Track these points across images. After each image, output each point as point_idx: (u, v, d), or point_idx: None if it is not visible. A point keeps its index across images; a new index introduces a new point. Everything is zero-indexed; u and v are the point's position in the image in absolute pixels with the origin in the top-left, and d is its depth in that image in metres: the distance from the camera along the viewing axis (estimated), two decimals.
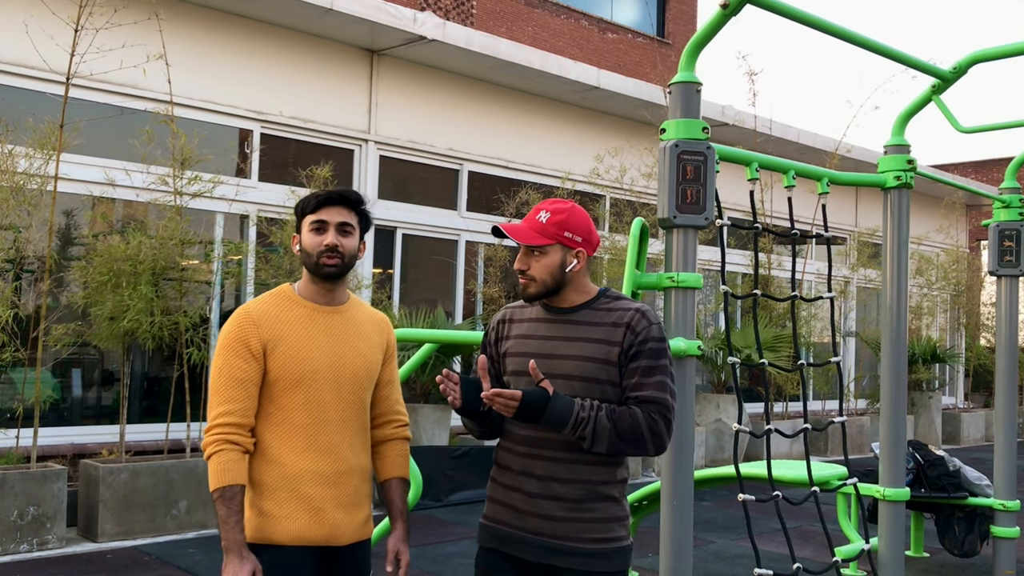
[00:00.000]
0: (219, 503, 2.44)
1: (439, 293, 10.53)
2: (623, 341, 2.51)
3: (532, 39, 15.33)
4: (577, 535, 2.50)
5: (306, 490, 2.54)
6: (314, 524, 2.54)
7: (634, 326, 2.52)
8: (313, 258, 2.60)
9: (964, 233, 18.31)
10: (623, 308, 2.57)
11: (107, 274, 6.65)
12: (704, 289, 12.31)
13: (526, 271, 2.57)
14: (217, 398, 2.53)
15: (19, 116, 6.88)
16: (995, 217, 5.58)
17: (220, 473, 2.45)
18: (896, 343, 4.13)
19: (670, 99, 3.22)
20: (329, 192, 2.64)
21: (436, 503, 7.99)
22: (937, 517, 6.15)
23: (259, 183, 8.76)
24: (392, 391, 2.81)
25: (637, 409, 2.46)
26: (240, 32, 8.70)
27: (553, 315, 2.62)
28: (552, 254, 2.56)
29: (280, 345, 2.56)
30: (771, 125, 12.70)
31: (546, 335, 2.59)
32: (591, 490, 2.51)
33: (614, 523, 2.54)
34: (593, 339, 2.53)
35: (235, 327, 2.57)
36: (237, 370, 2.53)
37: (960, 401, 17.49)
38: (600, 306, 2.59)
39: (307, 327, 2.61)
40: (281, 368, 2.55)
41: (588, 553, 2.50)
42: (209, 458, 2.48)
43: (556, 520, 2.50)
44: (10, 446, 6.62)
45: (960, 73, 4.18)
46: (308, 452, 2.55)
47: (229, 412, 2.50)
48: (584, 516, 2.50)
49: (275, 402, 2.57)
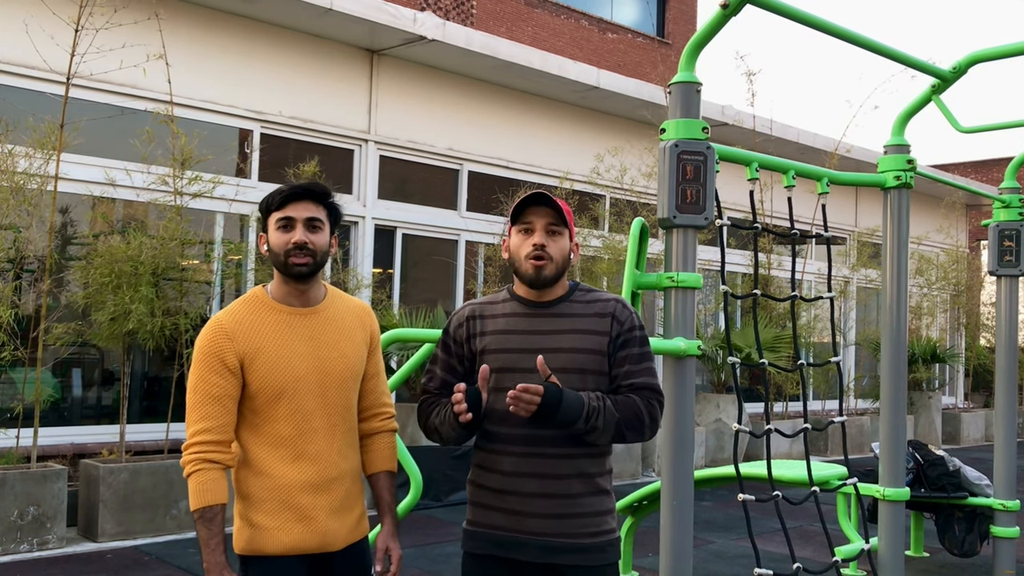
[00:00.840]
0: (199, 524, 2.40)
1: (439, 293, 10.53)
2: (611, 330, 2.54)
3: (532, 39, 15.33)
4: (576, 531, 2.50)
5: (297, 500, 2.48)
6: (307, 533, 2.49)
7: (618, 316, 2.56)
8: (281, 258, 2.48)
9: (964, 233, 18.31)
10: (603, 299, 2.60)
11: (108, 275, 6.65)
12: (704, 289, 12.30)
13: (546, 248, 2.53)
14: (194, 415, 2.44)
15: (19, 116, 6.88)
16: (995, 217, 5.58)
17: (200, 493, 2.40)
18: (896, 343, 4.13)
19: (670, 99, 3.22)
20: (293, 186, 2.51)
21: (436, 503, 7.99)
22: (937, 517, 6.15)
23: (259, 183, 8.76)
24: (378, 383, 2.73)
25: (635, 396, 2.50)
26: (240, 32, 8.70)
27: (532, 308, 2.59)
28: (565, 239, 2.59)
29: (258, 358, 2.46)
30: (771, 125, 12.70)
31: (529, 329, 2.57)
32: (588, 483, 2.52)
33: (607, 516, 2.57)
34: (581, 330, 2.54)
35: (208, 341, 2.46)
36: (213, 386, 2.43)
37: (960, 401, 17.49)
38: (578, 298, 2.61)
39: (284, 335, 2.50)
40: (261, 381, 2.46)
41: (587, 548, 2.51)
42: (188, 476, 2.43)
43: (555, 518, 2.50)
44: (10, 446, 6.62)
45: (960, 73, 4.18)
46: (296, 462, 2.48)
47: (207, 429, 2.42)
48: (581, 511, 2.51)
49: (259, 413, 2.49)
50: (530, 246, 2.54)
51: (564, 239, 2.58)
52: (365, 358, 2.66)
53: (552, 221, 2.55)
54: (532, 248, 2.53)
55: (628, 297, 3.23)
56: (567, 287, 2.64)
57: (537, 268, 2.53)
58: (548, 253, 2.52)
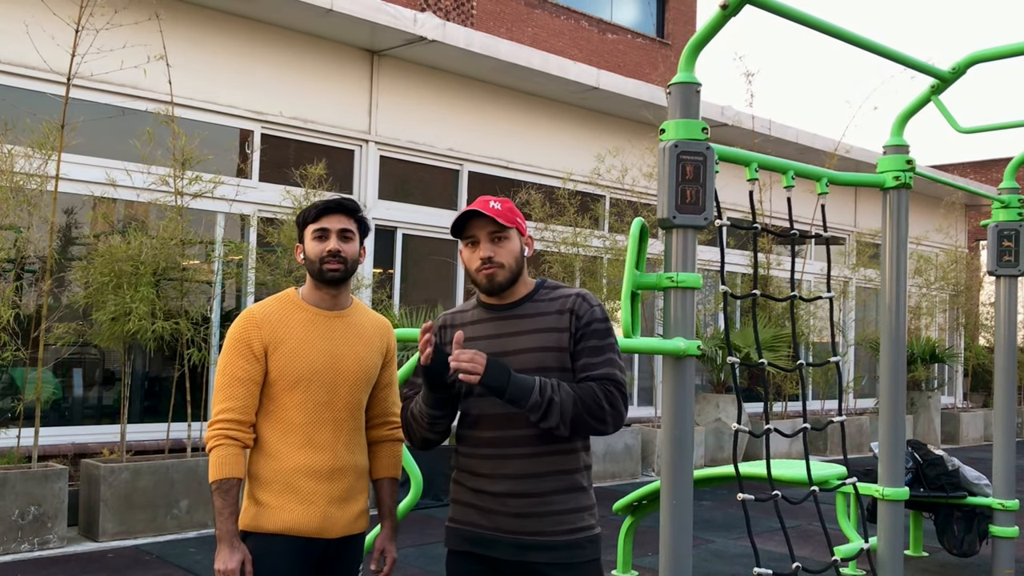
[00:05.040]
0: (216, 494, 2.59)
1: (439, 293, 10.54)
2: (570, 326, 2.56)
3: (532, 40, 15.34)
4: (548, 528, 2.53)
5: (300, 484, 2.65)
6: (306, 515, 2.64)
7: (577, 310, 2.57)
8: (317, 264, 2.71)
9: (963, 233, 18.32)
10: (564, 295, 2.62)
11: (109, 274, 6.66)
12: (704, 289, 12.32)
13: (493, 258, 2.57)
14: (220, 395, 2.66)
15: (19, 116, 6.89)
16: (994, 217, 5.59)
17: (218, 466, 2.60)
18: (895, 343, 4.14)
19: (669, 100, 3.23)
20: (327, 202, 2.75)
21: (436, 503, 8.00)
22: (936, 516, 6.16)
23: (259, 183, 8.77)
24: (389, 394, 2.92)
25: (592, 384, 2.50)
26: (240, 32, 8.71)
27: (496, 313, 2.64)
28: (513, 239, 2.61)
29: (281, 347, 2.67)
30: (770, 125, 12.71)
31: (493, 333, 2.62)
32: (562, 480, 2.54)
33: (583, 512, 2.57)
34: (542, 329, 2.57)
35: (239, 328, 2.70)
36: (239, 369, 2.65)
37: (959, 401, 17.50)
38: (541, 297, 2.64)
39: (307, 330, 2.71)
40: (281, 369, 2.67)
41: (560, 546, 2.53)
42: (209, 451, 2.63)
43: (527, 517, 2.53)
44: (11, 446, 6.62)
45: (959, 73, 4.18)
46: (304, 448, 2.66)
47: (230, 409, 2.64)
48: (554, 509, 2.53)
49: (275, 400, 2.68)
50: (478, 260, 2.59)
51: (512, 240, 2.59)
52: (379, 366, 2.84)
53: (494, 229, 2.58)
54: (480, 262, 2.58)
55: (628, 297, 3.23)
56: (532, 285, 2.66)
57: (489, 276, 2.58)
58: (497, 261, 2.57)
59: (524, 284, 2.66)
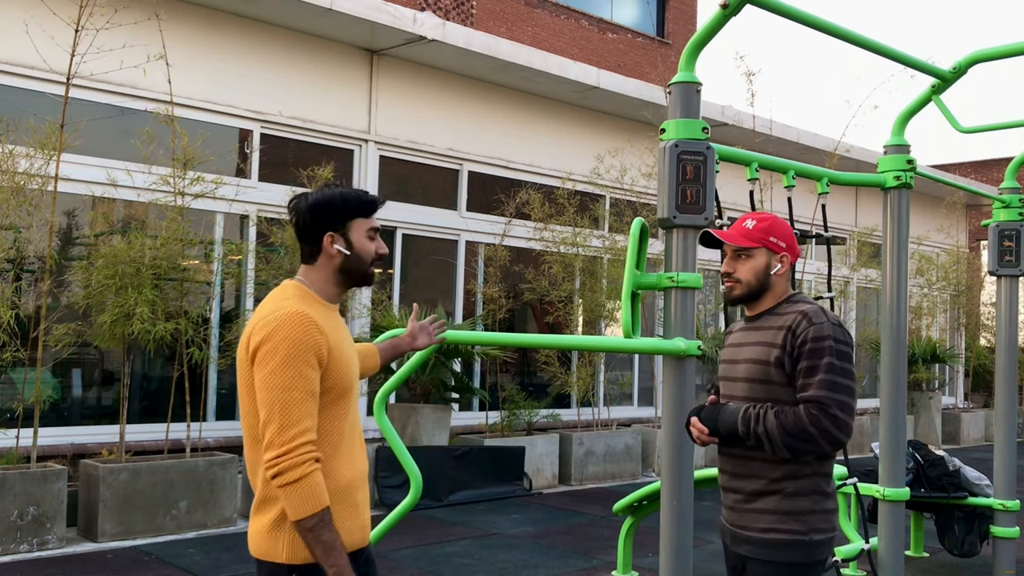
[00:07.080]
0: (321, 528, 2.25)
1: (439, 293, 10.53)
2: (784, 344, 2.67)
3: (532, 39, 15.33)
4: (750, 524, 2.72)
5: (354, 498, 2.43)
6: (358, 529, 2.45)
7: (794, 328, 2.67)
8: (367, 264, 2.50)
9: (964, 233, 18.31)
10: (791, 312, 2.73)
11: (111, 276, 6.64)
12: (704, 289, 12.31)
13: (732, 274, 2.79)
14: (293, 414, 2.26)
15: (19, 116, 6.88)
16: (995, 217, 5.58)
17: (317, 496, 2.25)
18: (896, 343, 4.13)
19: (670, 99, 3.22)
20: (377, 197, 2.54)
21: (436, 503, 7.99)
22: (937, 517, 6.15)
23: (259, 183, 8.77)
24: None
25: (800, 408, 2.61)
26: (240, 32, 8.70)
27: (748, 322, 2.86)
28: (758, 257, 2.76)
29: (333, 354, 2.37)
30: (771, 125, 12.70)
31: (738, 341, 2.84)
32: (764, 484, 2.71)
33: (785, 516, 2.68)
34: (761, 342, 2.73)
35: (303, 332, 2.30)
36: (311, 382, 2.29)
37: (960, 401, 17.49)
38: (779, 311, 2.77)
39: (340, 333, 2.46)
40: (336, 378, 2.38)
41: (760, 542, 2.70)
42: (298, 480, 2.23)
43: (735, 511, 2.78)
44: (10, 446, 6.62)
45: (960, 73, 4.18)
46: (348, 461, 2.43)
47: (309, 429, 2.28)
48: (755, 508, 2.71)
49: (323, 412, 2.37)
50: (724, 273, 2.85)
51: (756, 258, 2.78)
52: None
53: (737, 247, 2.79)
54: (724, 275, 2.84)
55: (628, 297, 3.22)
56: (779, 298, 2.82)
57: (728, 289, 2.84)
58: (735, 277, 2.79)
59: (772, 296, 2.81)
